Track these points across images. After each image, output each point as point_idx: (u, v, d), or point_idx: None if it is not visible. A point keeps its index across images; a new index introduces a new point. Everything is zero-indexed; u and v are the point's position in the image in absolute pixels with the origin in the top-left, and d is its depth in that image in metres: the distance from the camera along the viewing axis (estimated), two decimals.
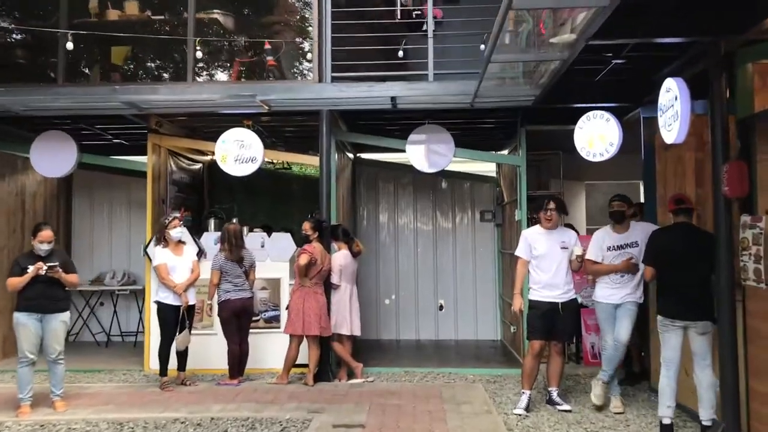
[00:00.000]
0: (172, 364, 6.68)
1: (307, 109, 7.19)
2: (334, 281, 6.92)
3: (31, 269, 5.61)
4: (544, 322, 5.82)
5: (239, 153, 7.31)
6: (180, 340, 6.53)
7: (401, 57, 6.50)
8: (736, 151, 4.82)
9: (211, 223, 8.05)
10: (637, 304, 5.77)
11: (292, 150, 8.97)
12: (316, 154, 7.39)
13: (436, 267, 9.93)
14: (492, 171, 10.19)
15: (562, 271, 5.85)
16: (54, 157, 7.69)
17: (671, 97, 4.85)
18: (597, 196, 11.35)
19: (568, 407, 5.84)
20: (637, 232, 5.78)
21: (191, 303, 6.65)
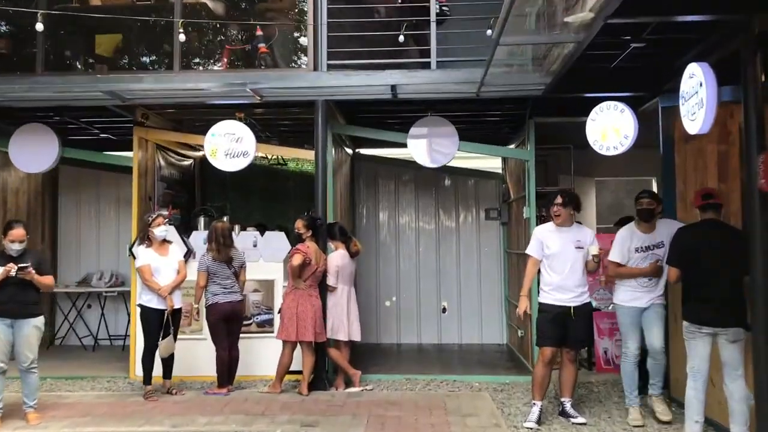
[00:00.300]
0: (158, 371, 6.26)
1: (301, 99, 6.73)
2: (331, 283, 6.48)
3: (0, 271, 5.18)
4: (554, 328, 5.38)
5: (230, 147, 6.91)
6: (163, 346, 6.09)
7: (402, 42, 6.03)
8: None
9: (201, 221, 7.61)
10: (665, 306, 5.36)
11: (288, 145, 8.54)
12: (311, 148, 6.96)
13: (438, 267, 9.52)
14: (497, 167, 9.78)
15: (576, 272, 5.39)
16: (34, 151, 7.27)
17: (695, 84, 4.45)
18: (605, 194, 10.94)
19: (583, 420, 5.40)
20: (662, 230, 5.36)
21: (177, 307, 6.21)
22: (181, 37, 5.66)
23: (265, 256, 7.15)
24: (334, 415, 5.59)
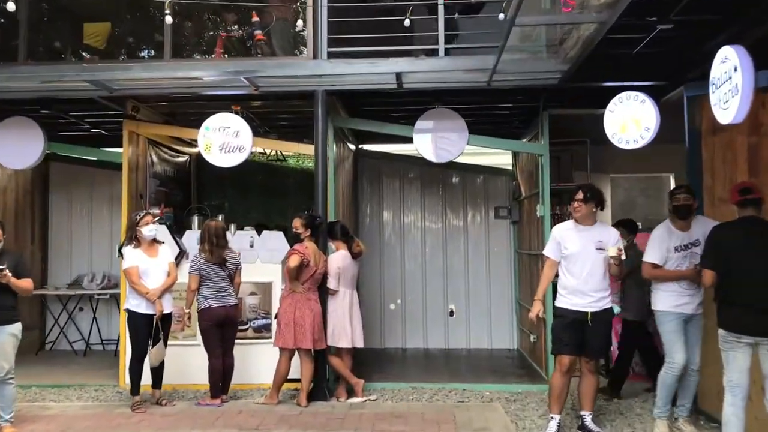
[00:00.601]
0: (147, 380, 5.86)
1: (300, 90, 6.29)
2: (331, 286, 6.06)
3: None
4: (571, 334, 4.94)
5: (225, 141, 6.51)
6: (154, 354, 5.68)
7: (408, 27, 5.57)
8: None
9: (195, 220, 7.20)
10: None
11: (288, 141, 8.10)
12: (311, 142, 6.53)
13: (446, 269, 9.09)
14: (507, 163, 9.34)
15: (595, 275, 4.94)
16: (18, 146, 6.88)
17: (728, 69, 4.02)
18: (618, 192, 10.48)
19: None
20: (697, 229, 4.92)
21: (166, 311, 5.80)
22: (168, 18, 5.24)
23: (262, 257, 6.74)
24: (335, 428, 5.17)
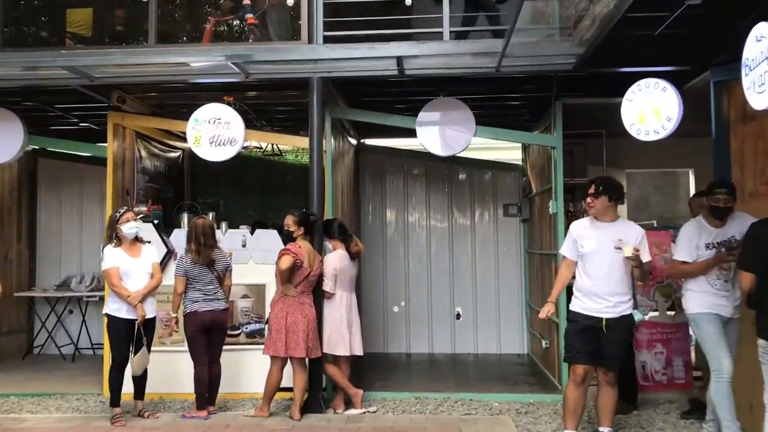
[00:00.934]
0: (129, 388, 5.44)
1: (294, 77, 5.84)
2: (327, 289, 5.61)
3: None
4: (585, 341, 4.50)
5: (215, 133, 6.14)
6: (135, 362, 5.25)
7: (409, 6, 5.14)
8: None
9: (185, 218, 6.77)
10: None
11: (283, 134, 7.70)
12: (308, 135, 6.10)
13: (452, 269, 8.66)
14: (517, 158, 8.89)
15: (612, 277, 4.48)
16: None
17: (765, 47, 3.63)
18: (632, 189, 10.00)
19: None
20: (733, 225, 4.48)
21: (149, 316, 5.38)
22: None
23: (255, 258, 6.32)
24: None
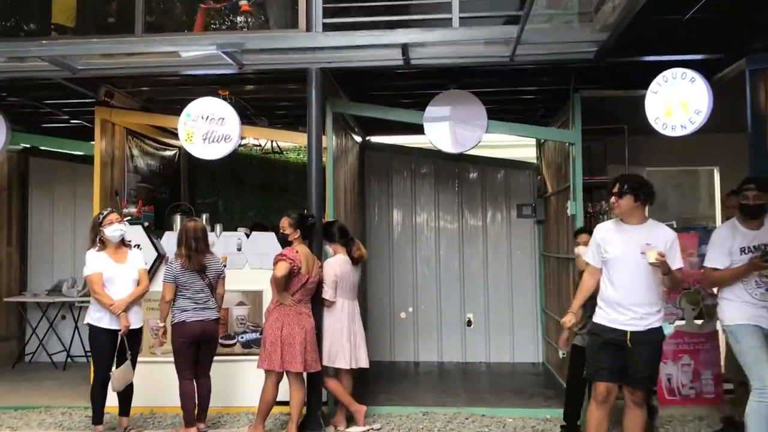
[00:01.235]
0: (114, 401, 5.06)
1: (291, 67, 5.41)
2: (328, 297, 5.19)
3: None
4: (609, 357, 4.06)
5: (209, 130, 5.73)
6: (116, 377, 4.84)
7: None
8: None
9: (177, 219, 6.38)
10: None
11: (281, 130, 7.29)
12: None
13: (462, 273, 8.24)
14: (531, 156, 8.44)
15: (639, 285, 4.02)
16: None
17: None
18: None
19: None
20: None
21: (135, 327, 4.97)
22: None
23: (251, 262, 5.92)
24: None
